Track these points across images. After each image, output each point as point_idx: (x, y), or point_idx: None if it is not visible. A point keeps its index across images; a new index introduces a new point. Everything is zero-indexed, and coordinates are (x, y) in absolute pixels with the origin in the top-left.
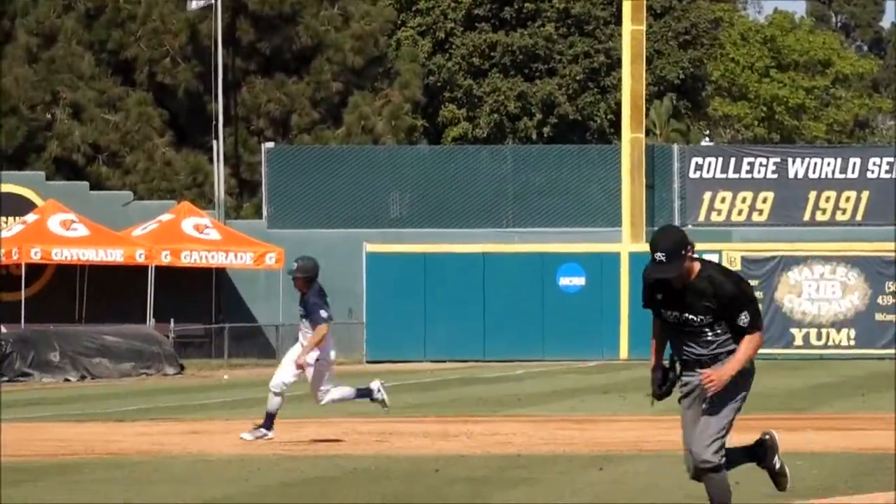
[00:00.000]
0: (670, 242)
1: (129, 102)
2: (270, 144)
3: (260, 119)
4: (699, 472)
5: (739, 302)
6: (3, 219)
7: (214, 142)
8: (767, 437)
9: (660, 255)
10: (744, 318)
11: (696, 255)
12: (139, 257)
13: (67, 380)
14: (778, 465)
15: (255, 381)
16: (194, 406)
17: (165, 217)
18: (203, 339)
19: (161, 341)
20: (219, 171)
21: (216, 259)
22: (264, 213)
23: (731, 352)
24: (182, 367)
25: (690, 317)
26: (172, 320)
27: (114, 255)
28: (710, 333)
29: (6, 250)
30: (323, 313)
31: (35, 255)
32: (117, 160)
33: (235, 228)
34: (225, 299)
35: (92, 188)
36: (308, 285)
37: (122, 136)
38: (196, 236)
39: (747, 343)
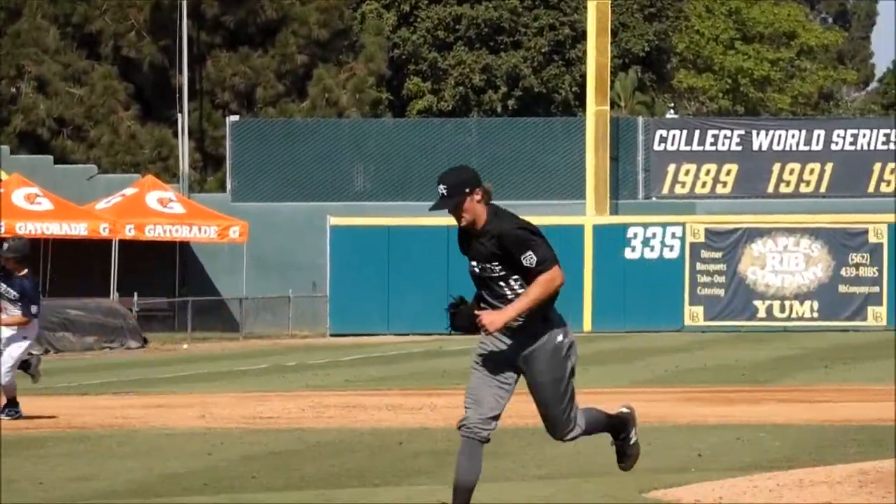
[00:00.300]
0: (455, 179)
1: (93, 76)
2: (235, 118)
3: (225, 92)
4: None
5: (521, 242)
6: None
7: (179, 115)
8: (627, 410)
9: (442, 188)
10: (529, 258)
11: (497, 206)
12: (103, 231)
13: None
14: (633, 440)
15: (218, 354)
16: (157, 380)
17: (129, 191)
18: (167, 312)
19: (125, 315)
20: (183, 145)
21: (180, 233)
22: (228, 186)
23: (537, 318)
24: (145, 341)
25: (484, 265)
26: (136, 294)
27: (78, 229)
28: (506, 288)
29: None
30: (34, 309)
31: None
32: (82, 134)
33: (199, 202)
34: (189, 273)
35: (56, 162)
36: (19, 266)
37: (86, 109)
38: (160, 210)
39: (537, 284)
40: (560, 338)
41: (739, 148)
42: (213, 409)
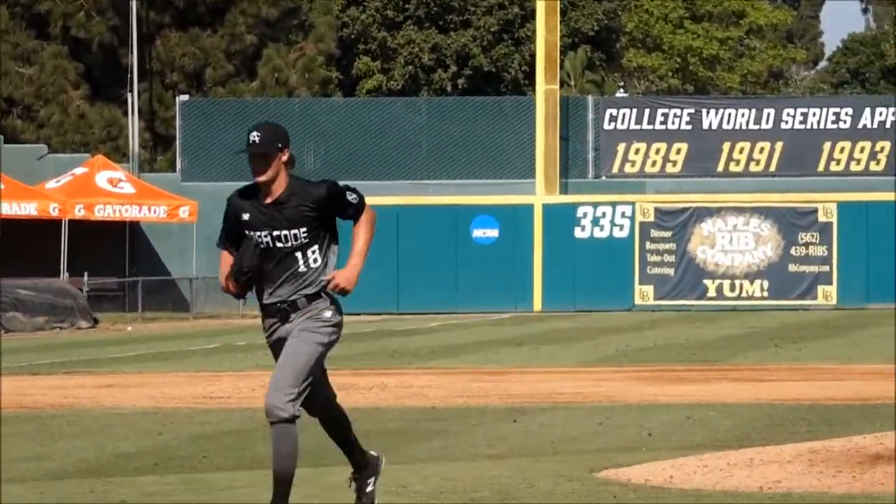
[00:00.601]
0: (271, 131)
1: (43, 56)
2: (184, 98)
3: (174, 72)
4: (270, 419)
5: (336, 189)
6: None
7: (129, 95)
8: (376, 454)
9: (255, 135)
10: (351, 196)
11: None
12: (53, 211)
13: None
14: (369, 489)
15: (168, 334)
16: (108, 359)
17: (79, 170)
18: (117, 292)
19: (75, 295)
20: (133, 125)
21: (130, 213)
22: (178, 166)
23: (314, 294)
24: (96, 321)
25: (283, 232)
26: (86, 274)
27: (27, 209)
28: (301, 261)
29: None
30: None
31: None
32: (32, 113)
33: (149, 182)
34: (139, 253)
35: (6, 142)
36: None
37: (36, 89)
38: (110, 190)
39: (362, 226)
40: (328, 314)
41: (689, 127)
42: (164, 389)
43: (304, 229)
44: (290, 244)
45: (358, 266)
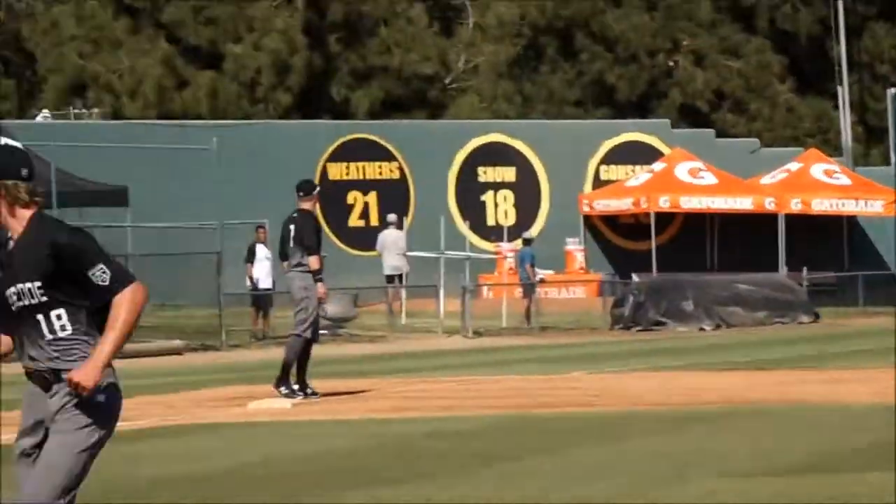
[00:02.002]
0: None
1: (749, 48)
2: (895, 90)
3: (883, 64)
4: None
5: (83, 253)
6: (631, 168)
7: (838, 88)
8: None
9: None
10: (100, 274)
11: (41, 210)
12: (768, 205)
13: (702, 329)
14: None
15: None
16: (832, 354)
17: (793, 165)
18: (835, 287)
19: (794, 290)
20: (844, 118)
21: (846, 206)
22: (893, 159)
23: (80, 358)
24: (817, 316)
25: (20, 287)
26: (805, 268)
27: (742, 204)
28: (44, 324)
29: (635, 199)
30: None
31: (664, 204)
32: (742, 107)
33: (863, 175)
34: (856, 247)
35: (718, 136)
36: None
37: (744, 82)
38: (826, 182)
39: (123, 308)
40: (101, 398)
41: None
42: None
43: (38, 285)
44: (27, 304)
45: (103, 360)
